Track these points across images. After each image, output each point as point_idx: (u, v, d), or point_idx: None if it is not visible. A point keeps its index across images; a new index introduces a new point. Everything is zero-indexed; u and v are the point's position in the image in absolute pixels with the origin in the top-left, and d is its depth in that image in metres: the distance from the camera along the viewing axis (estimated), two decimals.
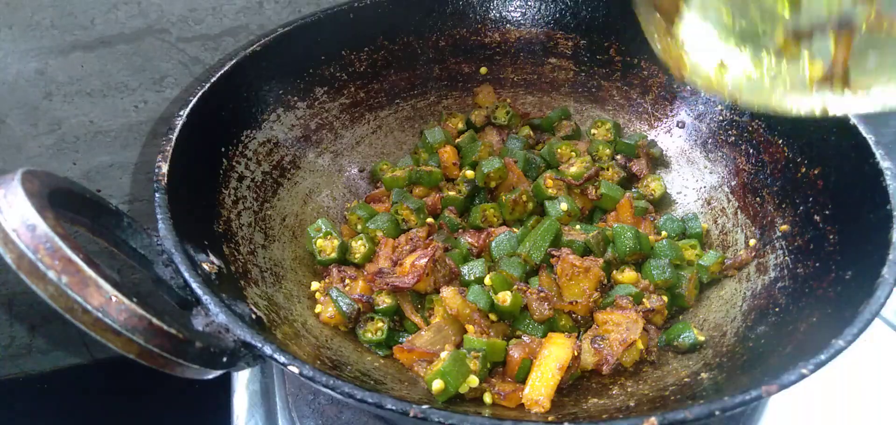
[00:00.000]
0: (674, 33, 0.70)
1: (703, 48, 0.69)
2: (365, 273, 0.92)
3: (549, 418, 0.72)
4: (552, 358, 0.77)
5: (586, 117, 1.18)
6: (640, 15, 0.73)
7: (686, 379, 0.78)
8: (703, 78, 0.70)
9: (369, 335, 0.86)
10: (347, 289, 0.89)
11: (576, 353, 0.79)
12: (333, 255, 0.93)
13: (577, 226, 0.99)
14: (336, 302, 0.86)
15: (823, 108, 0.64)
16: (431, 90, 1.18)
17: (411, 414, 0.60)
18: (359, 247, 0.95)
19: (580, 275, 0.86)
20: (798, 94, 0.65)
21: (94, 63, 1.12)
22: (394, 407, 0.60)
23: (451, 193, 1.04)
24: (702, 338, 0.84)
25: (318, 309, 0.87)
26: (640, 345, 0.82)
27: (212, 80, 0.91)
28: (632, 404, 0.75)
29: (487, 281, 0.86)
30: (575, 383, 0.81)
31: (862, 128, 0.85)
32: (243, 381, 1.00)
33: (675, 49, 0.70)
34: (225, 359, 0.63)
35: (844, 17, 0.62)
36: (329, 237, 0.95)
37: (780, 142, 0.97)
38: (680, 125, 1.12)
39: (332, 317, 0.86)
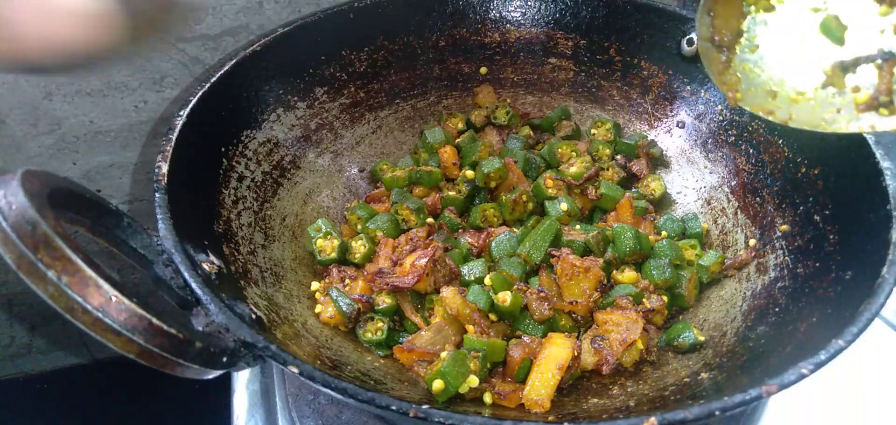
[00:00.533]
0: (731, 66, 0.78)
1: (756, 80, 0.78)
2: (365, 273, 0.92)
3: (549, 418, 0.72)
4: (552, 358, 0.77)
5: (586, 117, 1.18)
6: (701, 50, 0.80)
7: (686, 379, 0.78)
8: (757, 104, 0.77)
9: (369, 335, 0.86)
10: (347, 289, 0.89)
11: (576, 353, 0.79)
12: (333, 255, 0.93)
13: (577, 226, 0.99)
14: (336, 302, 0.86)
15: (872, 127, 0.70)
16: (431, 90, 1.18)
17: (412, 415, 0.60)
18: (359, 247, 0.95)
19: (580, 275, 0.86)
20: (845, 118, 0.72)
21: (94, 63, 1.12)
22: (394, 408, 0.60)
23: (451, 193, 1.04)
24: (702, 338, 0.84)
25: (318, 309, 0.87)
26: (640, 345, 0.82)
27: (212, 80, 0.91)
28: (632, 404, 0.75)
29: (487, 281, 0.86)
30: (575, 383, 0.81)
31: None
32: (243, 381, 1.00)
33: (732, 79, 0.78)
34: (225, 359, 0.63)
35: (886, 50, 0.69)
36: (329, 237, 0.95)
37: (780, 142, 0.97)
38: (680, 125, 1.12)
39: (332, 317, 0.86)
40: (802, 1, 0.75)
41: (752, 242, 0.95)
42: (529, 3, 1.17)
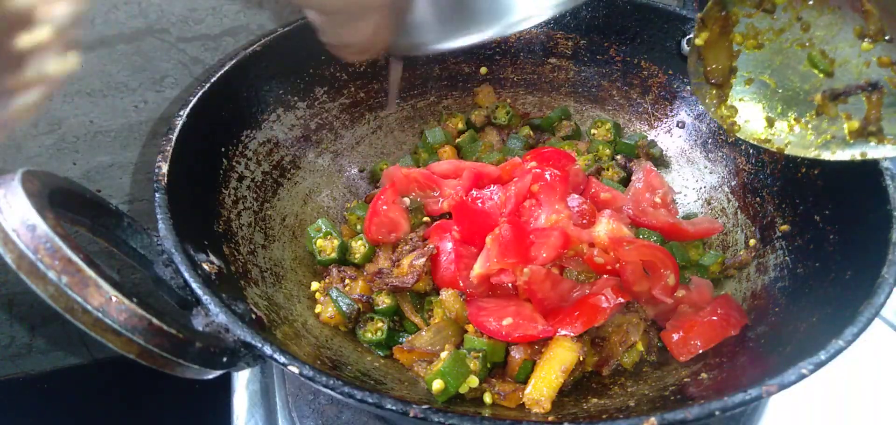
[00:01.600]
0: (726, 100, 0.83)
1: (752, 111, 0.82)
2: (365, 273, 0.92)
3: (549, 418, 0.72)
4: (557, 361, 0.76)
5: (586, 117, 1.18)
6: (694, 89, 0.84)
7: (686, 379, 0.78)
8: (754, 135, 0.82)
9: (369, 335, 0.86)
10: (347, 289, 0.89)
11: (581, 359, 0.79)
12: (333, 255, 0.93)
13: None
14: (336, 302, 0.86)
15: (863, 155, 0.75)
16: (431, 90, 1.18)
17: (411, 414, 0.60)
18: (359, 247, 0.95)
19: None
20: (838, 145, 0.77)
21: (94, 63, 1.12)
22: (394, 407, 0.60)
23: None
24: None
25: (318, 309, 0.87)
26: (640, 346, 0.82)
27: (212, 80, 0.91)
28: (632, 404, 0.75)
29: None
30: (575, 383, 0.81)
31: None
32: (243, 381, 1.00)
33: (729, 113, 0.82)
34: (225, 359, 0.63)
35: (873, 81, 0.74)
36: (329, 237, 0.94)
37: None
38: (680, 125, 1.12)
39: (332, 317, 0.86)
40: (788, 36, 0.79)
41: (752, 242, 0.95)
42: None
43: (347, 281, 0.90)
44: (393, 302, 0.87)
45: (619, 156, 1.10)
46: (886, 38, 0.74)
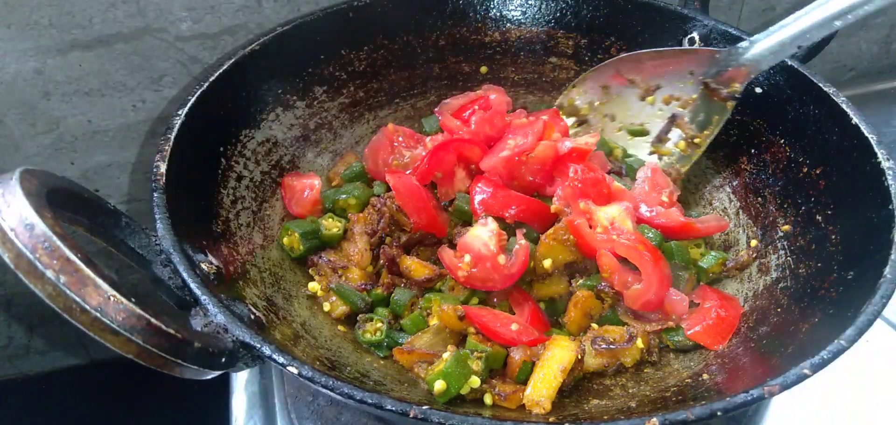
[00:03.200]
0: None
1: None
2: (343, 252, 0.93)
3: (550, 419, 0.72)
4: (555, 360, 0.76)
5: None
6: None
7: (687, 380, 0.78)
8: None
9: (369, 335, 0.85)
10: (343, 281, 0.89)
11: (579, 356, 0.78)
12: (302, 249, 0.92)
13: None
14: (341, 293, 0.86)
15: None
16: (431, 89, 1.18)
17: (411, 415, 0.59)
18: (331, 225, 0.94)
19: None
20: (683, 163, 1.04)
21: (92, 62, 1.12)
22: (393, 408, 0.60)
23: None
24: None
25: (328, 307, 0.88)
26: (641, 344, 0.82)
27: (210, 80, 0.91)
28: (633, 405, 0.75)
29: None
30: (576, 384, 0.81)
31: (864, 129, 0.85)
32: (242, 382, 0.99)
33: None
34: (223, 360, 0.62)
35: (670, 116, 1.05)
36: (289, 233, 0.93)
37: (782, 141, 0.96)
38: None
39: (342, 310, 0.87)
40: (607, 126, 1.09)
41: (753, 243, 0.94)
42: (530, 2, 1.16)
43: (340, 270, 0.90)
44: (382, 292, 0.88)
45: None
46: (659, 87, 1.05)
